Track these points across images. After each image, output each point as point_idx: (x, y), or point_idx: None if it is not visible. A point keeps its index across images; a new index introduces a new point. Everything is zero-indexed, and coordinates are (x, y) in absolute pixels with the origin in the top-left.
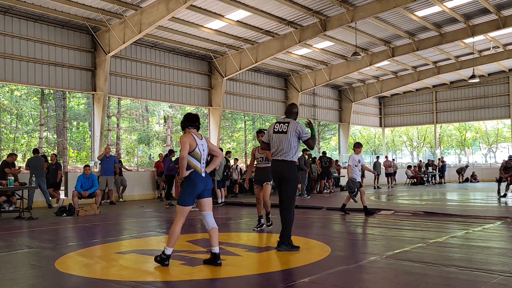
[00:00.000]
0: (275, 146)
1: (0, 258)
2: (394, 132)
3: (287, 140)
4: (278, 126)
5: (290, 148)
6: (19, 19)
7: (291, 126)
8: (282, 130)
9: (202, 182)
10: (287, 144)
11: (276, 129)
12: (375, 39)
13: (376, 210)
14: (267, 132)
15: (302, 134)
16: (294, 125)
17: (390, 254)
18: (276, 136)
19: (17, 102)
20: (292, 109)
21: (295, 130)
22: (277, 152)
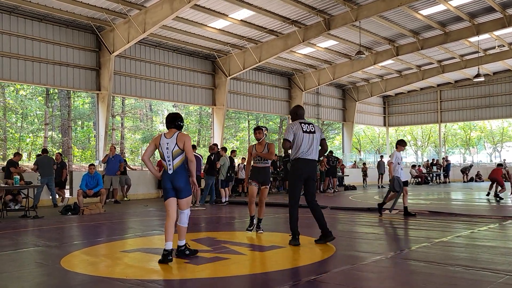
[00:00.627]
0: (305, 146)
1: (7, 256)
2: (399, 131)
3: (317, 140)
4: (305, 127)
5: (317, 148)
6: (25, 19)
7: (316, 127)
8: (311, 130)
9: (168, 179)
10: (316, 144)
11: (305, 129)
12: (379, 38)
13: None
14: (291, 131)
15: (323, 133)
16: (317, 126)
17: (395, 253)
18: (306, 136)
19: (22, 102)
20: (303, 111)
21: (320, 131)
22: (308, 152)
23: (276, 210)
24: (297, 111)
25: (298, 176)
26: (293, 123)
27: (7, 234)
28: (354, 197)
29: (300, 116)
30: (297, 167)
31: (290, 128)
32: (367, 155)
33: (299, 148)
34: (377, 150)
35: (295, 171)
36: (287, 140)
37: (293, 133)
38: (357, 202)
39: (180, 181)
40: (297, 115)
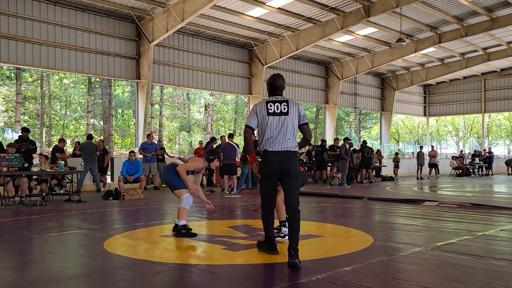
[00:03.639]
0: (272, 133)
1: (53, 237)
2: (439, 121)
3: (291, 123)
4: (274, 106)
5: (293, 135)
6: (68, 9)
7: (292, 105)
8: (282, 111)
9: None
10: (291, 130)
11: (272, 109)
12: (421, 25)
13: (420, 200)
14: (253, 114)
15: (304, 116)
16: (295, 105)
17: (435, 245)
18: (273, 119)
19: (66, 90)
20: (282, 83)
21: (297, 111)
22: (277, 141)
23: (310, 199)
24: (274, 83)
25: (266, 174)
26: (258, 103)
27: (53, 217)
28: (391, 188)
29: (277, 89)
30: (264, 162)
31: (252, 110)
32: (406, 146)
33: (263, 136)
34: (417, 141)
35: (262, 168)
36: (247, 126)
37: (255, 116)
38: (395, 193)
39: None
40: (273, 88)
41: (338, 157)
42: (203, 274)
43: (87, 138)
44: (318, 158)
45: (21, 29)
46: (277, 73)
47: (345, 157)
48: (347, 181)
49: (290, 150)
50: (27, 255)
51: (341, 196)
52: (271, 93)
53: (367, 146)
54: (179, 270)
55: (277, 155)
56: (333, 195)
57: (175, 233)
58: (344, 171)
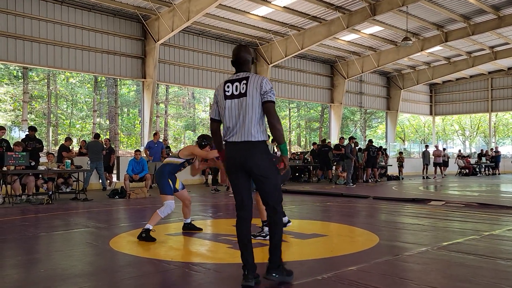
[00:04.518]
0: (230, 120)
1: (60, 236)
2: (446, 120)
3: (251, 106)
4: (232, 87)
5: (256, 120)
6: (75, 9)
7: (252, 82)
8: (240, 92)
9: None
10: (252, 113)
11: (229, 91)
12: (427, 24)
13: (426, 200)
14: (214, 101)
15: (267, 92)
16: (256, 80)
17: (441, 245)
18: (230, 104)
19: (72, 89)
20: (245, 55)
21: (259, 87)
22: (236, 130)
23: (315, 199)
24: (235, 56)
25: (228, 171)
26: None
27: (60, 215)
28: (397, 187)
29: (239, 64)
30: (225, 157)
31: (214, 97)
32: (412, 145)
33: (223, 125)
34: (422, 140)
35: (225, 164)
36: (211, 119)
37: (215, 104)
38: (401, 193)
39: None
40: (234, 63)
41: (343, 156)
42: (209, 272)
43: (94, 137)
44: (322, 158)
45: (28, 29)
46: (242, 44)
47: (351, 156)
48: (352, 181)
49: (250, 140)
50: (34, 253)
51: (346, 195)
52: (241, 68)
53: (373, 145)
54: (184, 268)
55: (235, 147)
56: (338, 195)
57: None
58: (350, 170)
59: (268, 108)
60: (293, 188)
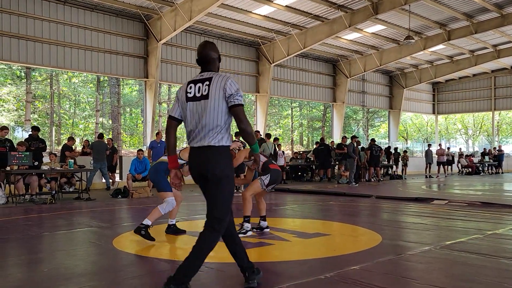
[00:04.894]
0: (191, 124)
1: (63, 235)
2: (448, 119)
3: (213, 109)
4: (195, 88)
5: (219, 124)
6: (77, 9)
7: (215, 84)
8: (202, 94)
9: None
10: (214, 117)
11: (191, 93)
12: (430, 22)
13: (429, 199)
14: (176, 99)
15: (233, 95)
16: (221, 81)
17: (444, 244)
18: (192, 106)
19: (75, 89)
20: (210, 53)
21: (222, 89)
22: (196, 133)
23: (317, 198)
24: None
25: (194, 179)
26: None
27: (63, 215)
28: (400, 186)
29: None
30: (189, 164)
31: (175, 96)
32: (415, 144)
33: (185, 128)
34: (425, 139)
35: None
36: (169, 116)
37: (177, 102)
38: (404, 192)
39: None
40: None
41: (346, 155)
42: (212, 272)
43: (98, 137)
44: (321, 157)
45: (31, 29)
46: (207, 41)
47: (353, 156)
48: (355, 180)
49: (211, 145)
50: (38, 252)
51: (349, 194)
52: (205, 67)
53: (375, 144)
54: None
55: (196, 152)
56: (340, 194)
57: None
58: (352, 170)
59: (236, 112)
60: (295, 188)
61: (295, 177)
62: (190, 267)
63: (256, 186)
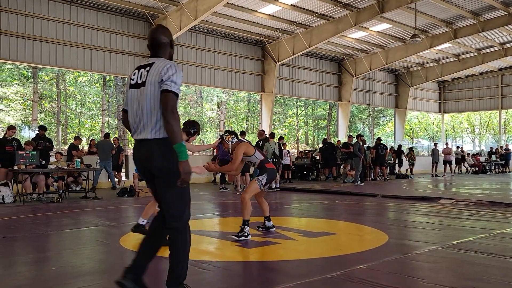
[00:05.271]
0: (132, 114)
1: (70, 234)
2: (455, 118)
3: (149, 97)
4: (138, 75)
5: (154, 113)
6: (83, 9)
7: (154, 69)
8: (143, 80)
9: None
10: (152, 106)
11: (134, 79)
12: (436, 20)
13: (435, 198)
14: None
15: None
16: (159, 65)
17: (451, 243)
18: (133, 94)
19: (81, 89)
20: (159, 37)
21: (158, 74)
22: (137, 125)
23: (323, 197)
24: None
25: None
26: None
27: (70, 214)
28: (406, 185)
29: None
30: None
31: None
32: (420, 143)
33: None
34: (431, 138)
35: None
36: (123, 110)
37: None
38: (410, 191)
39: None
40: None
41: (351, 154)
42: (218, 270)
43: (104, 136)
44: (325, 156)
45: (38, 29)
46: (159, 25)
47: (359, 155)
48: (360, 179)
49: (150, 138)
50: (45, 251)
51: (355, 193)
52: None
53: (381, 143)
54: (194, 266)
55: (138, 146)
56: (346, 193)
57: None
58: (358, 169)
59: (163, 98)
60: (301, 187)
61: (301, 176)
62: (179, 274)
63: (254, 187)
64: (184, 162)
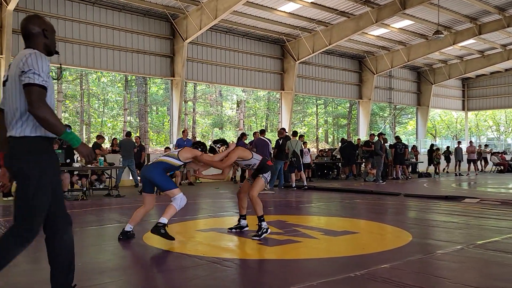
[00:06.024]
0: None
1: (95, 231)
2: (479, 116)
3: (13, 93)
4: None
5: (16, 108)
6: (106, 9)
7: (15, 60)
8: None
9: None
10: (12, 101)
11: (5, 76)
12: (460, 16)
13: (460, 197)
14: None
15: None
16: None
17: (477, 243)
18: (3, 89)
19: (103, 88)
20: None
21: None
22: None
23: (344, 196)
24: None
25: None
26: None
27: (94, 211)
28: (429, 184)
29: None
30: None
31: None
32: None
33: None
34: (454, 136)
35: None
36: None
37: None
38: (433, 190)
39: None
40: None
41: (373, 153)
42: (240, 268)
43: (126, 135)
44: (346, 154)
45: (62, 30)
46: (35, 14)
47: (380, 153)
48: (382, 178)
49: (12, 136)
50: None
51: (376, 192)
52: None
53: (400, 142)
54: (216, 264)
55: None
56: (367, 192)
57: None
58: (379, 167)
59: (26, 93)
60: (321, 185)
61: (321, 175)
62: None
63: (261, 184)
64: (80, 146)
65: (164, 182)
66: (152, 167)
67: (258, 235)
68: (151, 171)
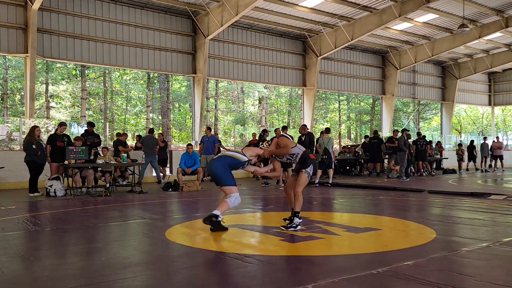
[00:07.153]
0: None
1: (118, 226)
2: (506, 111)
3: None
4: None
5: None
6: (128, 7)
7: None
8: None
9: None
10: None
11: None
12: (486, 9)
13: (486, 194)
14: None
15: None
16: None
17: (504, 241)
18: None
19: (126, 86)
20: None
21: None
22: None
23: (367, 192)
24: None
25: None
26: None
27: (117, 207)
28: (453, 181)
29: None
30: None
31: None
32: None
33: None
34: (480, 132)
35: None
36: None
37: None
38: (458, 186)
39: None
40: None
41: (396, 149)
42: (262, 264)
43: (149, 132)
44: (372, 150)
45: (85, 28)
46: None
47: (404, 149)
48: (405, 174)
49: None
50: (95, 242)
51: (400, 189)
52: None
53: (421, 138)
54: (237, 260)
55: None
56: (391, 188)
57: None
58: (403, 164)
59: None
60: (344, 182)
61: (343, 171)
62: None
63: (304, 179)
64: None
65: (226, 176)
66: (218, 159)
67: (286, 227)
68: (216, 163)
